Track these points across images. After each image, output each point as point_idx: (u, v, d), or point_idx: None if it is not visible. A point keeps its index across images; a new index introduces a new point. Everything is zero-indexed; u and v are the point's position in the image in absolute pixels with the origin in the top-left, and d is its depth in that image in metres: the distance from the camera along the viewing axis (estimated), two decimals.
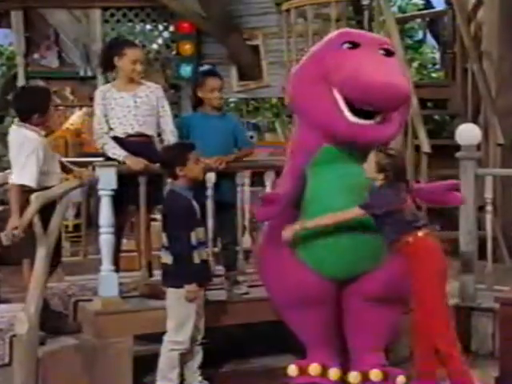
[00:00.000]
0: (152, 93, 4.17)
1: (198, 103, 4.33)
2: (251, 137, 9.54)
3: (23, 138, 3.77)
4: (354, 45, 3.30)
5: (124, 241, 4.40)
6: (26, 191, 3.71)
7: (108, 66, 4.19)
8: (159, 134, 4.20)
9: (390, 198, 3.33)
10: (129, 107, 4.10)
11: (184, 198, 3.55)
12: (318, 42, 3.56)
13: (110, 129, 4.09)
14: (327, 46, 3.40)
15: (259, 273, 3.76)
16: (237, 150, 4.28)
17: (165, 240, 3.57)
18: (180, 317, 3.56)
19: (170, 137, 4.15)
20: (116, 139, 4.08)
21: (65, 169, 4.01)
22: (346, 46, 3.31)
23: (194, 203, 3.60)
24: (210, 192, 4.16)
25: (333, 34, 3.48)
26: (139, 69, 4.14)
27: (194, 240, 3.49)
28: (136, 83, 4.17)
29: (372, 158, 3.36)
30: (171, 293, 3.57)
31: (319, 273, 3.43)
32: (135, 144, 4.08)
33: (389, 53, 3.33)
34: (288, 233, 3.40)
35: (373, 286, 3.44)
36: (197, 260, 3.50)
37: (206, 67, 4.35)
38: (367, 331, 3.50)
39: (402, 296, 3.47)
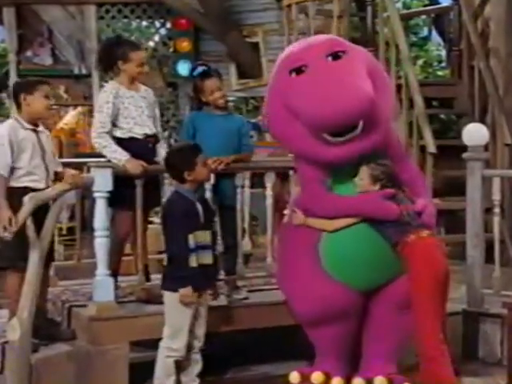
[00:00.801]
0: (149, 95, 4.23)
1: (201, 104, 4.32)
2: (251, 136, 9.55)
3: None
4: (300, 70, 3.22)
5: None
6: (14, 192, 3.70)
7: (109, 67, 4.17)
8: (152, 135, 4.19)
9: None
10: (141, 107, 4.12)
11: (187, 199, 3.55)
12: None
13: (120, 128, 4.05)
14: (278, 74, 3.37)
15: (278, 280, 3.75)
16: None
17: (163, 241, 3.58)
18: (175, 322, 3.56)
19: (162, 141, 4.23)
20: (130, 141, 4.04)
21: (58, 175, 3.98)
22: (293, 74, 3.25)
23: (199, 206, 3.58)
24: (208, 194, 4.17)
25: (280, 57, 3.40)
26: (146, 69, 4.20)
27: (192, 243, 3.49)
28: (136, 83, 4.19)
29: (364, 171, 3.40)
30: (167, 296, 3.58)
31: (347, 286, 3.43)
32: (152, 145, 4.13)
33: (337, 55, 3.18)
34: (296, 220, 3.41)
35: (401, 292, 3.43)
36: (194, 264, 3.49)
37: (199, 69, 4.30)
38: (387, 338, 3.52)
39: None
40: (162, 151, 4.18)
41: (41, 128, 3.96)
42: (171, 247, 3.52)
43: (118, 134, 4.07)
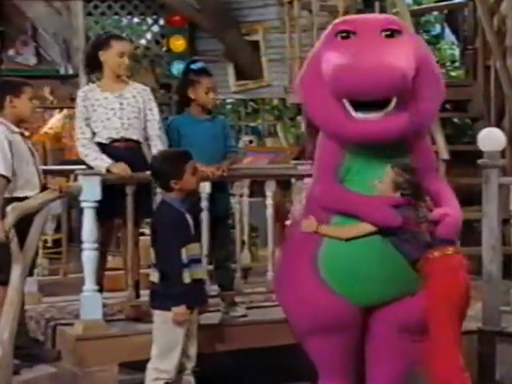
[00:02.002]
0: (139, 94, 4.19)
1: (184, 104, 4.33)
2: (250, 141, 9.58)
3: None
4: (348, 33, 3.28)
5: (109, 258, 4.41)
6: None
7: (93, 65, 4.20)
8: (146, 139, 4.22)
9: (410, 217, 3.33)
10: (113, 109, 4.12)
11: (176, 210, 3.54)
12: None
13: (93, 133, 4.10)
14: (323, 39, 3.41)
15: (277, 294, 3.74)
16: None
17: (153, 256, 3.57)
18: (166, 343, 3.55)
19: (158, 143, 4.17)
20: (100, 146, 4.09)
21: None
22: (339, 36, 3.29)
23: (188, 216, 3.59)
24: (205, 203, 4.18)
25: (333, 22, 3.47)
26: (126, 62, 4.17)
27: (185, 257, 3.49)
28: (122, 82, 4.19)
29: (387, 174, 3.35)
30: (157, 315, 3.57)
31: (343, 298, 3.42)
32: (120, 150, 4.10)
33: (391, 34, 3.25)
34: (308, 227, 3.40)
35: (404, 314, 3.41)
36: (187, 280, 3.48)
37: (198, 64, 4.35)
38: (388, 363, 3.49)
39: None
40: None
41: (25, 132, 3.99)
42: (163, 263, 3.50)
43: (95, 139, 4.10)
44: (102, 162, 4.01)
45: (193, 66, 4.34)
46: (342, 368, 3.51)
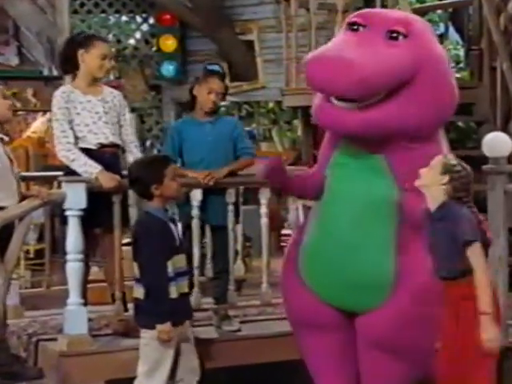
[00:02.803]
0: (115, 98, 4.24)
1: (191, 105, 4.34)
2: None
3: None
4: (357, 26, 3.39)
5: (95, 269, 4.41)
6: None
7: (70, 65, 4.19)
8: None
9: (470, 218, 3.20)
10: (98, 113, 4.13)
11: (159, 220, 3.51)
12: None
13: (76, 137, 4.10)
14: (342, 28, 3.53)
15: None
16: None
17: (136, 270, 3.54)
18: (154, 360, 3.54)
19: (134, 149, 4.22)
20: (86, 152, 4.09)
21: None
22: (350, 27, 3.41)
23: (172, 226, 3.58)
24: (195, 212, 4.18)
25: None
26: (108, 65, 4.18)
27: (170, 270, 3.47)
28: (99, 86, 4.21)
29: (435, 161, 3.28)
30: (144, 332, 3.57)
31: (325, 300, 3.49)
32: (107, 156, 4.11)
33: (395, 36, 3.33)
34: None
35: (372, 327, 3.41)
36: (173, 294, 3.47)
37: (214, 66, 4.44)
38: (365, 381, 3.50)
39: (413, 347, 3.38)
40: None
41: (5, 137, 3.99)
42: (148, 277, 3.46)
43: (79, 144, 4.09)
44: (92, 168, 4.00)
45: (208, 66, 4.38)
46: (330, 371, 3.53)
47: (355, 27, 3.38)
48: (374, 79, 3.19)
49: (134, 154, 4.21)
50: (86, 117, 4.10)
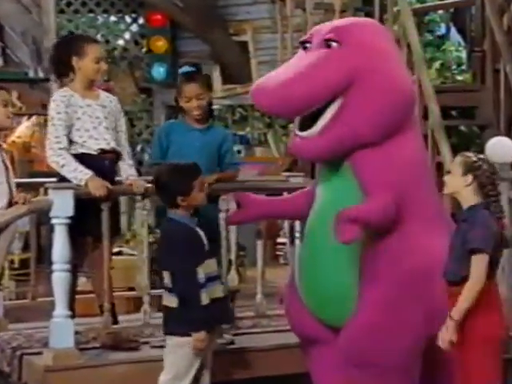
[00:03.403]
0: (111, 103, 4.26)
1: (178, 111, 4.37)
2: (238, 151, 9.60)
3: None
4: (306, 44, 3.50)
5: (83, 280, 4.40)
6: None
7: (64, 69, 4.20)
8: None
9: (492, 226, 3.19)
10: (98, 118, 4.15)
11: (185, 226, 3.52)
12: None
13: (71, 142, 4.10)
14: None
15: None
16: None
17: (167, 280, 3.52)
18: (180, 368, 3.51)
19: (125, 155, 4.24)
20: (82, 157, 4.08)
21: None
22: (302, 46, 3.52)
23: (200, 232, 3.58)
24: None
25: None
26: (104, 67, 4.21)
27: (202, 276, 3.47)
28: (95, 90, 4.23)
29: (455, 161, 3.31)
30: (171, 340, 3.54)
31: (308, 309, 3.54)
32: (106, 162, 4.13)
33: (329, 44, 3.42)
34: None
35: (340, 343, 3.44)
36: (206, 301, 3.47)
37: (184, 68, 4.38)
38: None
39: (384, 360, 3.38)
40: (126, 168, 4.21)
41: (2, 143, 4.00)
42: (180, 286, 3.47)
43: (81, 150, 4.10)
44: (82, 174, 4.01)
45: (180, 70, 4.38)
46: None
47: (306, 45, 3.49)
48: (296, 94, 3.28)
49: (125, 161, 4.23)
50: (87, 122, 4.12)
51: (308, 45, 3.46)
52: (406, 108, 3.52)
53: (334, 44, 3.40)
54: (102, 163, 4.10)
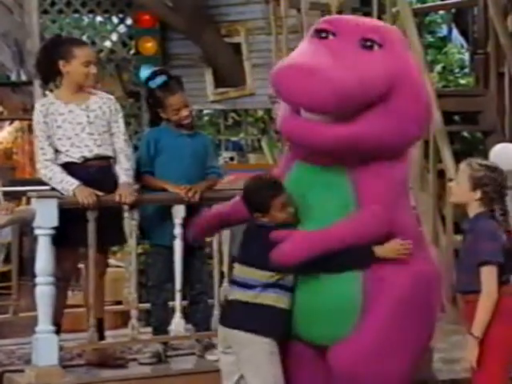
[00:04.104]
0: (105, 104, 4.20)
1: (159, 120, 4.36)
2: (231, 158, 9.61)
3: None
4: (327, 33, 3.38)
5: (69, 293, 4.39)
6: None
7: (50, 74, 4.20)
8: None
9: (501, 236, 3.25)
10: (81, 124, 4.13)
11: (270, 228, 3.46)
12: None
13: (56, 151, 4.10)
14: (308, 34, 3.51)
15: None
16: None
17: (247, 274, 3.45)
18: (269, 378, 3.43)
19: (123, 159, 4.18)
20: (67, 167, 4.07)
21: None
22: (319, 35, 3.39)
23: None
24: (178, 230, 4.18)
25: None
26: (94, 71, 4.18)
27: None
28: (86, 92, 4.20)
29: (462, 173, 3.35)
30: (258, 342, 3.41)
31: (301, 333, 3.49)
32: (93, 171, 4.11)
33: (370, 44, 3.35)
34: None
35: (337, 361, 3.42)
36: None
37: (157, 80, 4.29)
38: None
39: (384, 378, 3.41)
40: (120, 174, 4.15)
41: None
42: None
43: (63, 159, 4.08)
44: (68, 184, 4.01)
45: (151, 84, 4.29)
46: None
47: (324, 35, 3.37)
48: (351, 93, 3.19)
49: (121, 165, 4.16)
50: (68, 129, 4.10)
51: (330, 36, 3.35)
52: (426, 126, 3.58)
53: (375, 46, 3.34)
54: (87, 172, 4.08)
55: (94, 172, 4.11)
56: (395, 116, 3.34)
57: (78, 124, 4.11)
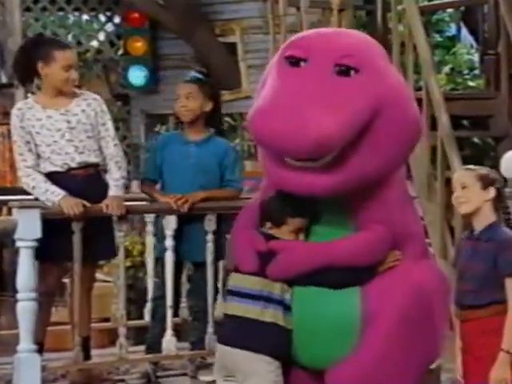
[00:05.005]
0: (89, 106, 4.18)
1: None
2: None
3: None
4: (297, 60, 3.26)
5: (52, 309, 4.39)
6: None
7: (28, 75, 4.18)
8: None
9: None
10: (60, 130, 4.11)
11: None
12: None
13: (39, 157, 4.09)
14: (275, 61, 3.41)
15: None
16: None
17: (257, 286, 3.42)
18: None
19: (113, 167, 4.16)
20: (51, 177, 4.06)
21: None
22: (287, 62, 3.28)
23: None
24: (169, 242, 4.19)
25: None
26: (74, 76, 4.16)
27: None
28: (67, 95, 4.18)
29: (467, 177, 3.36)
30: (261, 361, 3.39)
31: (299, 359, 3.48)
32: (78, 180, 4.10)
33: (345, 70, 3.21)
34: None
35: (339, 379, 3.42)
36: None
37: (190, 73, 4.45)
38: None
39: None
40: (110, 184, 4.13)
41: None
42: None
43: (44, 168, 4.08)
44: (53, 195, 4.00)
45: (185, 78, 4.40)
46: None
47: (294, 61, 3.25)
48: (333, 135, 3.09)
49: (111, 175, 4.17)
50: (47, 135, 4.09)
51: (302, 63, 3.23)
52: (416, 143, 3.50)
53: (351, 71, 3.22)
54: (72, 181, 4.07)
55: (81, 181, 4.10)
56: (383, 147, 3.26)
57: (57, 130, 4.10)
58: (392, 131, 3.26)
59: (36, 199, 4.06)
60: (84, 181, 4.12)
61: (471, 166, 3.46)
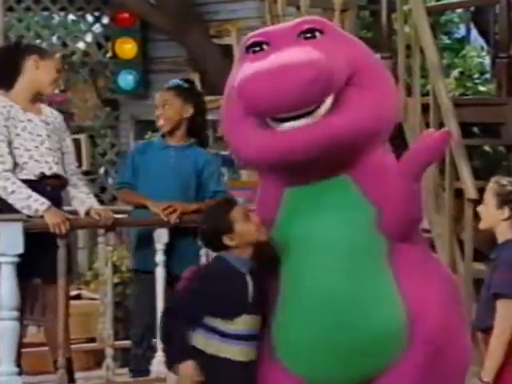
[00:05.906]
0: (56, 120, 4.25)
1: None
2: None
3: None
4: (261, 45, 3.42)
5: (33, 330, 4.39)
6: None
7: (6, 76, 4.17)
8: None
9: None
10: (40, 136, 4.12)
11: (231, 268, 3.40)
12: None
13: (16, 164, 4.09)
14: (238, 58, 3.58)
15: None
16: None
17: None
18: None
19: (78, 182, 4.22)
20: (26, 184, 4.05)
21: None
22: (251, 50, 3.43)
23: (249, 280, 3.41)
24: (160, 257, 4.19)
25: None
26: (53, 88, 4.23)
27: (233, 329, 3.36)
28: (40, 102, 4.22)
29: (489, 191, 3.40)
30: None
31: (300, 377, 3.45)
32: (51, 190, 4.09)
33: (311, 35, 3.37)
34: None
35: None
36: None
37: (172, 82, 4.54)
38: None
39: None
40: (83, 198, 4.18)
41: None
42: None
43: (19, 174, 4.06)
44: (38, 203, 3.98)
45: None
46: None
47: (257, 49, 3.41)
48: (334, 68, 3.21)
49: (78, 188, 4.21)
50: (27, 139, 4.09)
51: (264, 46, 3.39)
52: (396, 112, 3.54)
53: (317, 33, 3.37)
54: (44, 191, 4.06)
55: (51, 191, 4.10)
56: (370, 101, 3.33)
57: (38, 136, 4.11)
58: (377, 87, 3.36)
59: (10, 206, 4.01)
60: (54, 192, 4.12)
61: (503, 179, 3.46)
